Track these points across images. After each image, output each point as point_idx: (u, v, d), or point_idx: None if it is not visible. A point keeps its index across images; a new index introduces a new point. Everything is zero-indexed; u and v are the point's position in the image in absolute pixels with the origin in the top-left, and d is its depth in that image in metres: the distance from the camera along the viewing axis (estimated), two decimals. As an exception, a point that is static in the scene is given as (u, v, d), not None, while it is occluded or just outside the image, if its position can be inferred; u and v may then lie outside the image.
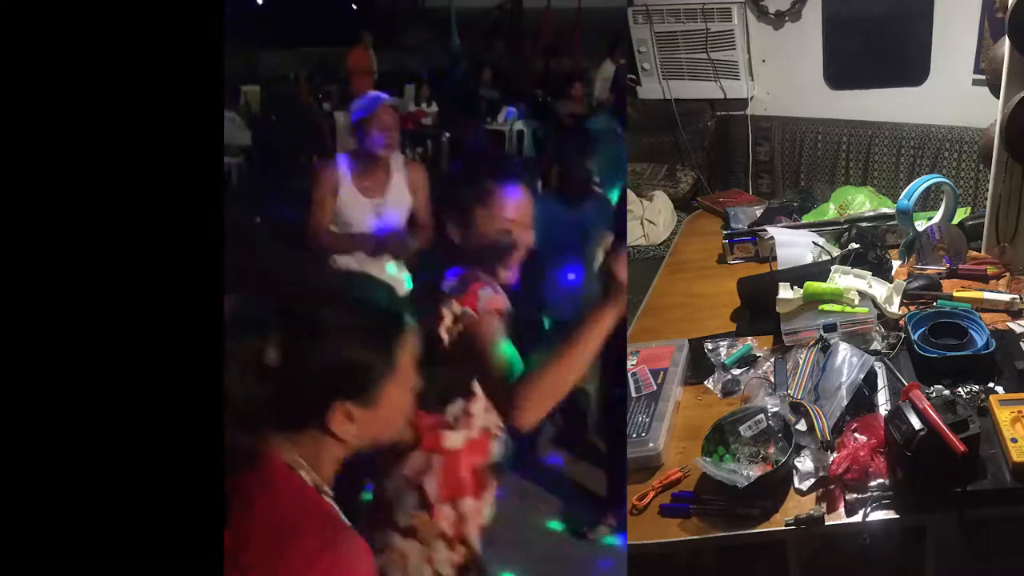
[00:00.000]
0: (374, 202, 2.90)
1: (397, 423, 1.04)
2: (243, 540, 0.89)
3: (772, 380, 2.10)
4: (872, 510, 1.68)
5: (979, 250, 2.63)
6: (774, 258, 2.71)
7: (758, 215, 3.25)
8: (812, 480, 1.76)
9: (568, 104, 6.83)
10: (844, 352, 2.01)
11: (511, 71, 10.59)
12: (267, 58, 12.03)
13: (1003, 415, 1.76)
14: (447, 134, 8.15)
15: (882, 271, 2.53)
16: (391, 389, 0.97)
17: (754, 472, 1.74)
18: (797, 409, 1.90)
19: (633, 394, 2.10)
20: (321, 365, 0.91)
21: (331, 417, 0.93)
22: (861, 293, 2.30)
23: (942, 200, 2.73)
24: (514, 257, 1.60)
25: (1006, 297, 2.30)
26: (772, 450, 1.83)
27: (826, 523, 1.67)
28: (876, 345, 2.16)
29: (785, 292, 2.29)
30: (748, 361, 2.22)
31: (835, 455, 1.76)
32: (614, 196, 3.26)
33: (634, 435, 1.94)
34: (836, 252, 2.71)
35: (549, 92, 8.72)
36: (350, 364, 0.93)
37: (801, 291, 2.28)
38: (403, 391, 1.01)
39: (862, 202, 3.19)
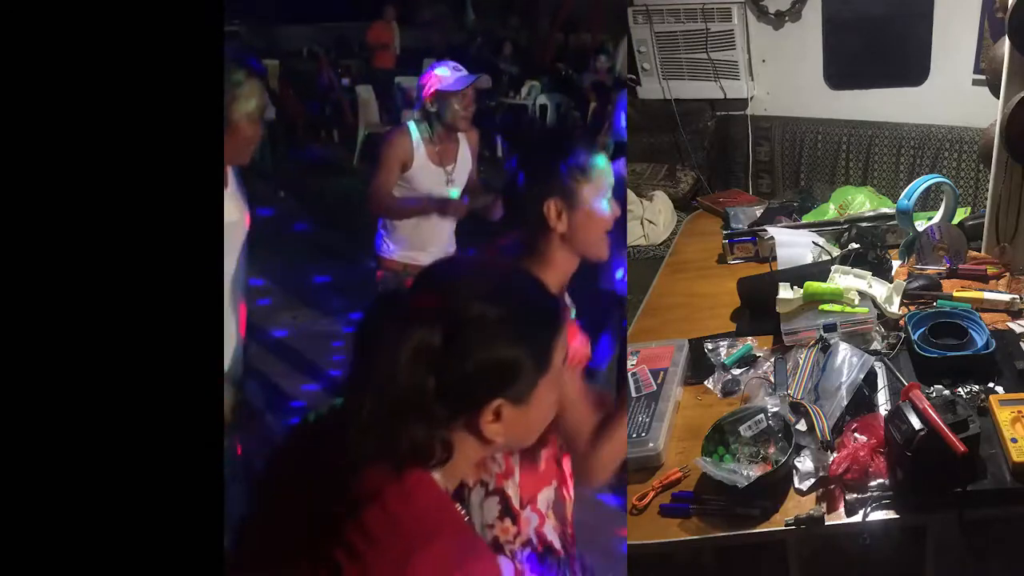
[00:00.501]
0: (447, 169, 2.97)
1: (540, 427, 1.00)
2: (370, 536, 0.84)
3: (772, 380, 2.10)
4: (872, 510, 1.67)
5: (979, 250, 2.63)
6: (774, 258, 2.71)
7: (758, 215, 3.25)
8: (812, 480, 1.75)
9: (591, 76, 6.80)
10: (844, 352, 2.01)
11: (530, 45, 10.58)
12: (285, 32, 11.99)
13: (1003, 415, 1.76)
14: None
15: (882, 271, 2.53)
16: (543, 389, 0.94)
17: (754, 472, 1.74)
18: (797, 409, 1.90)
19: (633, 394, 2.10)
20: (485, 360, 0.88)
21: (483, 414, 0.90)
22: (861, 293, 2.30)
23: (942, 200, 2.73)
24: (607, 232, 1.51)
25: (1006, 297, 2.30)
26: (772, 450, 1.83)
27: (826, 523, 1.67)
28: (876, 345, 2.16)
29: (785, 292, 2.29)
30: (748, 361, 2.22)
31: (835, 455, 1.76)
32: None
33: (634, 435, 1.94)
34: (836, 252, 2.71)
35: (571, 65, 8.67)
36: (513, 360, 0.90)
37: (801, 291, 2.28)
38: (552, 393, 0.97)
39: (862, 202, 3.19)
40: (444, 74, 2.89)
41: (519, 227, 1.50)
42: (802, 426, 1.85)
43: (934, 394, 1.83)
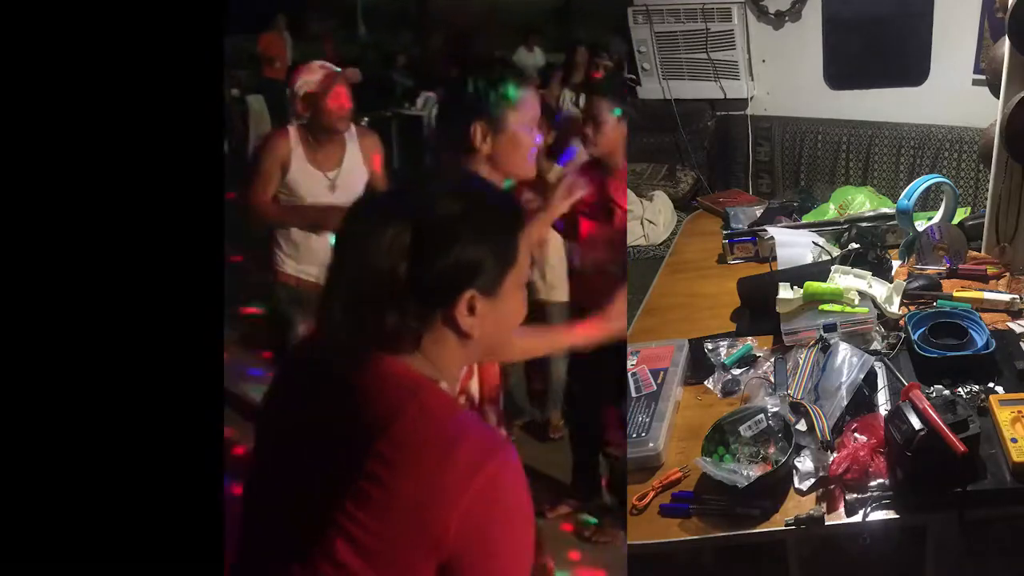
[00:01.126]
0: (329, 175, 2.83)
1: (513, 323, 1.04)
2: (398, 444, 0.88)
3: (772, 380, 2.10)
4: (872, 510, 1.67)
5: (979, 250, 2.63)
6: (774, 258, 2.71)
7: (758, 215, 3.25)
8: (812, 480, 1.75)
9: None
10: (844, 352, 2.01)
11: (423, 58, 10.63)
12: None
13: (1003, 415, 1.76)
14: (366, 119, 8.18)
15: (882, 271, 2.53)
16: (511, 283, 0.99)
17: (754, 472, 1.74)
18: (797, 409, 1.90)
19: (633, 394, 2.10)
20: (453, 252, 0.93)
21: (458, 306, 0.94)
22: (861, 293, 2.30)
23: (942, 200, 2.73)
24: (532, 154, 1.67)
25: (1006, 297, 2.30)
26: (772, 450, 1.83)
27: (826, 523, 1.67)
28: (876, 345, 2.16)
29: (785, 292, 2.29)
30: (748, 361, 2.22)
31: (835, 455, 1.75)
32: None
33: (634, 435, 1.94)
34: (836, 252, 2.71)
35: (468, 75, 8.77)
36: (478, 252, 0.95)
37: (801, 291, 2.28)
38: (520, 289, 1.02)
39: (862, 202, 3.19)
40: (310, 73, 2.78)
41: (446, 149, 1.64)
42: (802, 426, 1.85)
43: (934, 394, 1.83)
